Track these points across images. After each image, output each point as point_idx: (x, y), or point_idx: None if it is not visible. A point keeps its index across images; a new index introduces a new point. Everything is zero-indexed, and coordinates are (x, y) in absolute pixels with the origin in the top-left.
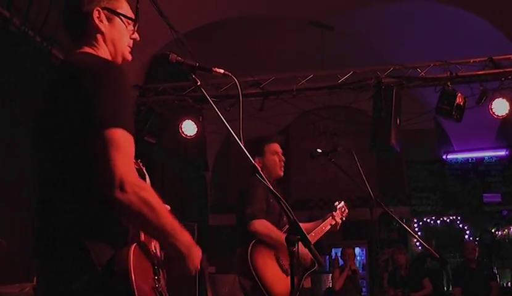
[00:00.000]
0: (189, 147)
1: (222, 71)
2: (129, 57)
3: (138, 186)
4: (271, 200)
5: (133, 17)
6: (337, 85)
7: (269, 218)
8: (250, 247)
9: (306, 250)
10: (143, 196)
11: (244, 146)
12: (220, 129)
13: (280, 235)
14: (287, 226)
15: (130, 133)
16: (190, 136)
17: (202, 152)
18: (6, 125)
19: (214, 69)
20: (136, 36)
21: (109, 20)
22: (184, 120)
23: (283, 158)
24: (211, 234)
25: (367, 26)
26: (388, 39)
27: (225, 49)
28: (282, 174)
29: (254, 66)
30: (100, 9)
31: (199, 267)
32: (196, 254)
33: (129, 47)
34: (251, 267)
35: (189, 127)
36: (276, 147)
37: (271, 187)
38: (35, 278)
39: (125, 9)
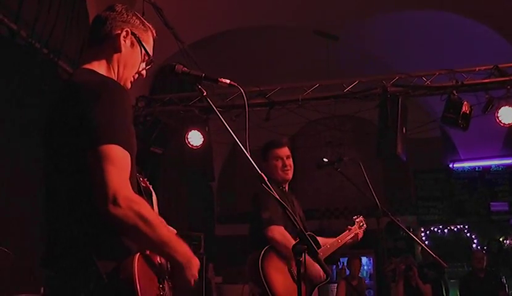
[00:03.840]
0: (195, 157)
1: (228, 81)
2: (128, 87)
3: (132, 200)
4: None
5: (151, 55)
6: (342, 94)
7: (285, 226)
8: (262, 254)
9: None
10: (137, 210)
11: (250, 156)
12: (226, 139)
13: None
14: None
15: (127, 150)
16: (196, 146)
17: (208, 162)
18: (13, 136)
19: (220, 79)
20: (144, 72)
21: (132, 45)
22: (190, 130)
23: (289, 162)
24: (218, 244)
25: (372, 35)
26: (393, 48)
27: (231, 59)
28: (286, 177)
29: (260, 76)
30: (129, 31)
31: (197, 276)
32: (194, 263)
33: (133, 78)
34: (261, 274)
35: (195, 138)
36: (281, 151)
37: (277, 197)
38: (42, 288)
39: (149, 45)
